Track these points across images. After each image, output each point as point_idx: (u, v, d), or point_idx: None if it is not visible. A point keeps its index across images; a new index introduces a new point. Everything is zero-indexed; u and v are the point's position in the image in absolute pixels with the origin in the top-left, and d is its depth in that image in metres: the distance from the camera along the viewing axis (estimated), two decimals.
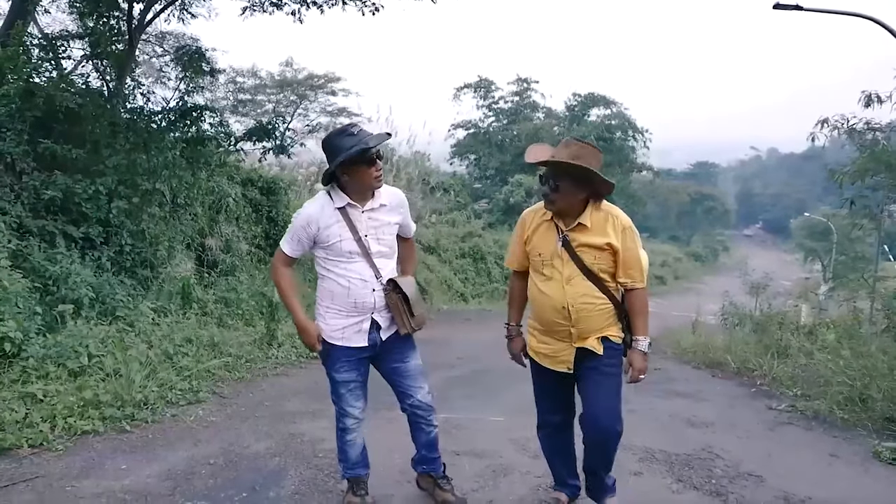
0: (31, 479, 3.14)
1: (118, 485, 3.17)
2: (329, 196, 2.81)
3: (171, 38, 15.75)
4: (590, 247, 2.71)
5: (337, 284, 2.81)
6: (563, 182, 2.67)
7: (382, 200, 2.86)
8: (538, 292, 2.83)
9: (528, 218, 2.92)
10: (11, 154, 6.38)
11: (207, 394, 4.80)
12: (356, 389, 2.93)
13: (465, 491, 3.29)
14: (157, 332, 5.59)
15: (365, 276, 2.79)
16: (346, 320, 2.83)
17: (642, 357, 2.79)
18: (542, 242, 2.80)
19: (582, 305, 2.72)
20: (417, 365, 2.98)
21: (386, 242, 2.88)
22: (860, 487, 3.61)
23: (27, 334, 4.52)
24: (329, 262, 2.82)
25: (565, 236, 2.73)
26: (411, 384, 2.94)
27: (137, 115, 8.00)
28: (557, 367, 2.82)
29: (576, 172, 2.63)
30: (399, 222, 2.96)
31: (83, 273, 5.92)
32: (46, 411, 3.79)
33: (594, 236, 2.71)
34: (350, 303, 2.80)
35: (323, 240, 2.78)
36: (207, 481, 3.31)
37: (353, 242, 2.77)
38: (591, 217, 2.73)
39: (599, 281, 2.74)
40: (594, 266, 2.72)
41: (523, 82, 34.66)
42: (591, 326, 2.74)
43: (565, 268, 2.74)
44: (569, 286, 2.73)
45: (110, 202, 7.17)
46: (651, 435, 4.30)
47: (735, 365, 7.24)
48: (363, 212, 2.80)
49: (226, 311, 7.39)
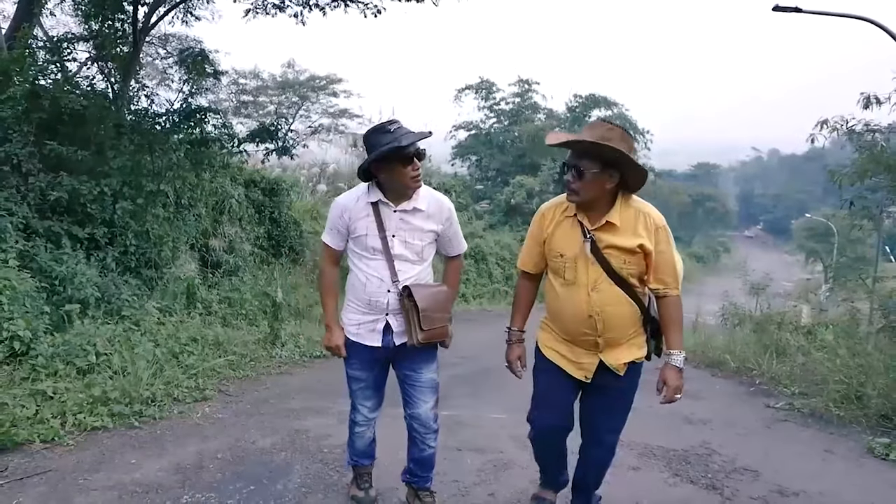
0: (44, 472, 3.23)
1: (129, 478, 3.25)
2: (367, 190, 2.75)
3: (175, 39, 15.85)
4: (619, 249, 2.42)
5: (357, 279, 2.77)
6: (588, 168, 2.36)
7: (420, 205, 2.73)
8: (559, 299, 2.55)
9: (548, 213, 2.60)
10: (18, 155, 6.43)
11: (213, 391, 4.87)
12: (366, 389, 2.88)
13: (467, 484, 3.37)
14: (163, 332, 5.66)
15: (382, 275, 2.71)
16: (362, 316, 2.78)
17: (678, 374, 2.50)
18: (565, 242, 2.51)
19: (610, 314, 2.46)
20: (430, 379, 2.86)
21: (413, 248, 2.74)
22: (853, 481, 3.68)
23: (35, 333, 4.59)
24: (354, 254, 2.79)
25: (592, 237, 2.43)
26: (417, 396, 2.85)
27: (142, 117, 8.09)
28: (576, 373, 2.58)
29: (603, 156, 2.34)
30: (437, 232, 2.79)
31: (89, 273, 5.98)
32: (57, 408, 3.87)
33: (624, 237, 2.41)
34: (365, 299, 2.75)
35: (352, 231, 2.74)
36: (216, 475, 3.38)
37: (378, 239, 2.70)
38: (620, 214, 2.42)
39: (629, 287, 2.46)
40: (622, 270, 2.43)
41: (524, 83, 34.70)
42: (619, 334, 2.50)
43: (591, 272, 2.45)
44: (595, 293, 2.45)
45: (115, 203, 7.23)
46: (650, 432, 4.37)
47: (734, 364, 7.30)
48: (395, 211, 2.71)
49: (230, 310, 7.47)
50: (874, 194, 11.50)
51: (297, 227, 12.00)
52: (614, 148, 2.31)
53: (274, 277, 9.62)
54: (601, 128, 2.39)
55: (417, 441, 2.89)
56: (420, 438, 2.88)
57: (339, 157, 25.86)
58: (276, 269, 10.42)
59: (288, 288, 9.28)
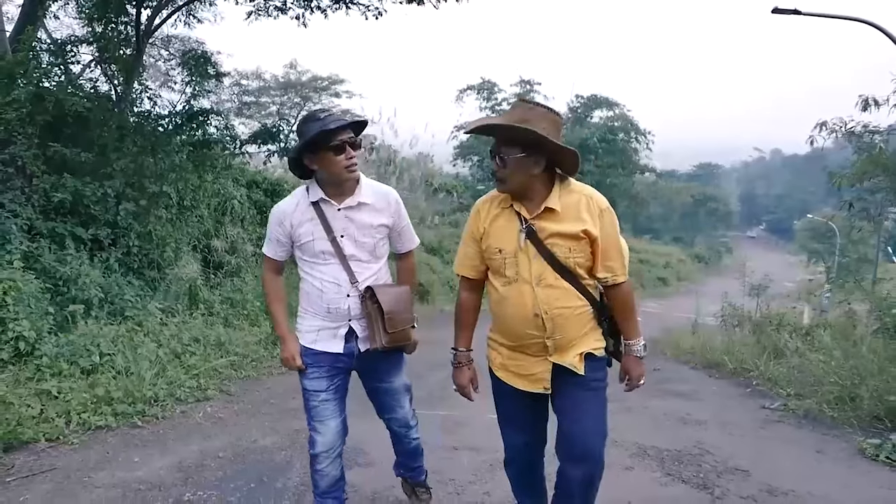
0: (49, 470, 3.31)
1: (132, 476, 3.33)
2: (306, 191, 2.53)
3: (177, 41, 15.96)
4: (562, 236, 2.19)
5: (311, 286, 2.54)
6: (510, 153, 2.16)
7: (365, 199, 2.52)
8: (501, 299, 2.30)
9: (483, 208, 2.35)
10: (22, 157, 6.49)
11: (215, 391, 4.95)
12: (328, 403, 2.56)
13: (463, 483, 3.43)
14: (166, 332, 5.74)
15: (339, 279, 2.50)
16: (322, 322, 2.55)
17: (639, 362, 2.34)
18: (502, 236, 2.26)
19: (558, 311, 2.22)
20: (401, 384, 2.71)
21: (365, 246, 2.54)
22: (843, 481, 3.72)
23: (40, 333, 4.68)
24: (304, 262, 2.56)
25: (530, 226, 2.21)
26: (392, 403, 2.70)
27: (145, 119, 8.16)
28: (532, 387, 2.32)
29: (523, 139, 2.12)
30: (388, 226, 2.60)
31: (92, 274, 6.05)
32: (61, 407, 3.95)
33: (567, 223, 2.19)
34: (323, 307, 2.52)
35: (296, 238, 2.52)
36: (217, 473, 3.45)
37: (326, 242, 2.48)
38: (560, 199, 2.20)
39: (576, 279, 2.23)
40: (569, 261, 2.20)
41: (526, 84, 34.73)
42: (570, 335, 2.25)
43: (534, 266, 2.21)
44: (539, 288, 2.21)
45: (118, 204, 7.31)
46: (644, 432, 4.43)
47: (732, 365, 7.36)
48: (339, 209, 2.49)
49: (231, 311, 7.54)
50: (873, 196, 11.60)
51: None
52: (528, 129, 2.08)
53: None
54: (520, 108, 2.19)
55: (400, 437, 2.82)
56: (402, 434, 2.80)
57: None
58: None
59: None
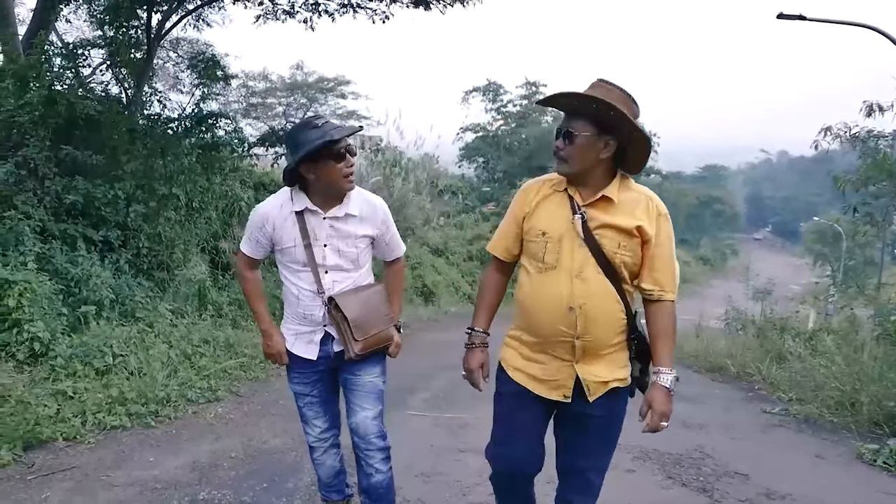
0: (68, 468, 3.40)
1: (148, 475, 3.42)
2: (291, 197, 2.47)
3: (185, 43, 16.10)
4: (614, 229, 2.02)
5: (290, 292, 2.54)
6: (580, 130, 1.99)
7: (351, 209, 2.47)
8: (533, 288, 2.11)
9: (533, 187, 2.20)
10: (35, 160, 6.58)
11: (225, 392, 5.04)
12: (314, 406, 2.63)
13: (469, 484, 3.50)
14: (176, 333, 5.82)
15: (314, 288, 2.48)
16: (298, 327, 2.56)
17: (667, 397, 2.04)
18: (550, 218, 2.09)
19: (594, 309, 2.02)
20: (371, 383, 2.55)
21: (348, 256, 2.50)
22: (840, 485, 3.80)
23: (54, 334, 4.76)
24: (284, 266, 2.54)
25: (583, 213, 2.04)
26: (356, 402, 2.54)
27: (154, 122, 8.25)
28: (551, 393, 2.12)
29: (599, 118, 1.97)
30: (373, 236, 2.55)
31: (103, 275, 6.12)
32: (77, 407, 4.04)
33: (621, 216, 2.02)
34: (300, 313, 2.53)
35: (277, 242, 2.49)
36: (230, 472, 3.55)
37: (303, 250, 2.45)
38: (618, 192, 2.04)
39: (618, 279, 2.05)
40: (616, 257, 2.02)
41: (532, 85, 34.84)
42: (600, 340, 2.06)
43: (577, 254, 2.03)
44: (579, 280, 2.02)
45: (128, 206, 7.38)
46: (646, 436, 4.43)
47: (734, 369, 7.41)
48: (325, 218, 2.45)
49: (239, 313, 7.61)
50: (877, 200, 11.64)
51: None
52: (610, 104, 1.93)
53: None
54: (600, 88, 2.01)
55: (362, 461, 2.54)
56: (363, 457, 2.52)
57: None
58: None
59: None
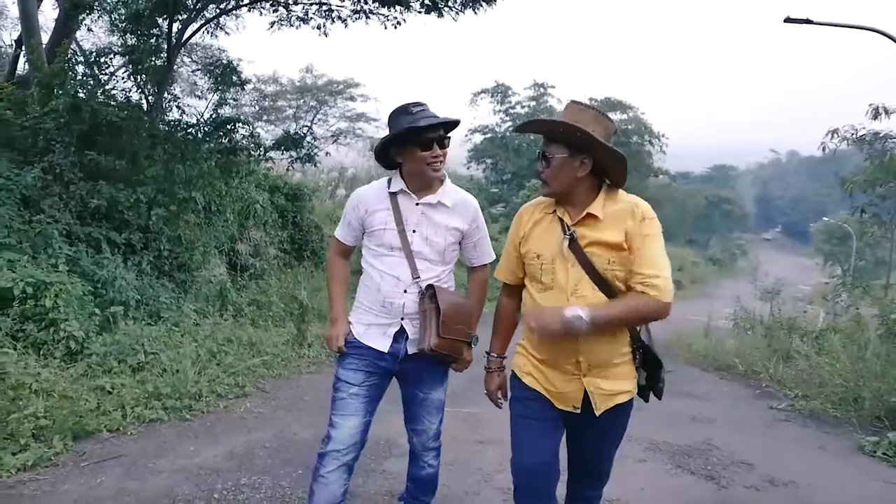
0: (116, 457, 3.62)
1: (191, 462, 3.64)
2: (388, 182, 2.51)
3: (200, 48, 16.39)
4: (602, 245, 2.08)
5: (370, 277, 2.49)
6: (555, 153, 2.10)
7: (444, 199, 2.47)
8: (536, 307, 2.18)
9: (526, 212, 2.31)
10: (60, 165, 6.79)
11: (252, 389, 5.24)
12: (356, 398, 2.43)
13: (490, 472, 3.70)
14: (200, 333, 6.04)
15: (400, 274, 2.42)
16: (374, 318, 2.47)
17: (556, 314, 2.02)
18: (542, 241, 2.19)
19: None
20: (438, 399, 2.58)
21: (435, 246, 2.45)
22: (840, 474, 3.98)
23: (87, 333, 4.99)
24: (369, 251, 2.51)
25: (572, 233, 2.11)
26: (422, 414, 2.57)
27: (174, 128, 8.48)
28: (562, 405, 2.20)
29: (569, 139, 2.07)
30: (462, 231, 2.51)
31: (127, 277, 6.35)
32: (116, 401, 4.26)
33: (608, 231, 2.08)
34: (379, 300, 2.45)
35: (368, 225, 2.48)
36: (266, 461, 3.77)
37: (396, 234, 2.42)
38: (604, 208, 2.11)
39: (614, 293, 2.09)
40: (607, 272, 2.07)
41: (540, 87, 34.98)
42: (604, 356, 2.12)
43: (571, 274, 2.10)
44: (575, 298, 2.08)
45: (150, 210, 7.59)
46: (656, 429, 4.66)
47: (742, 368, 7.56)
48: (417, 203, 2.45)
49: (258, 313, 7.83)
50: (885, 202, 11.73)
51: (319, 231, 12.39)
52: (574, 126, 2.02)
53: (298, 280, 9.98)
54: (572, 109, 2.13)
55: (417, 457, 2.64)
56: (420, 455, 2.63)
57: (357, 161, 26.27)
58: (300, 273, 10.79)
59: (311, 290, 9.64)
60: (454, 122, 2.46)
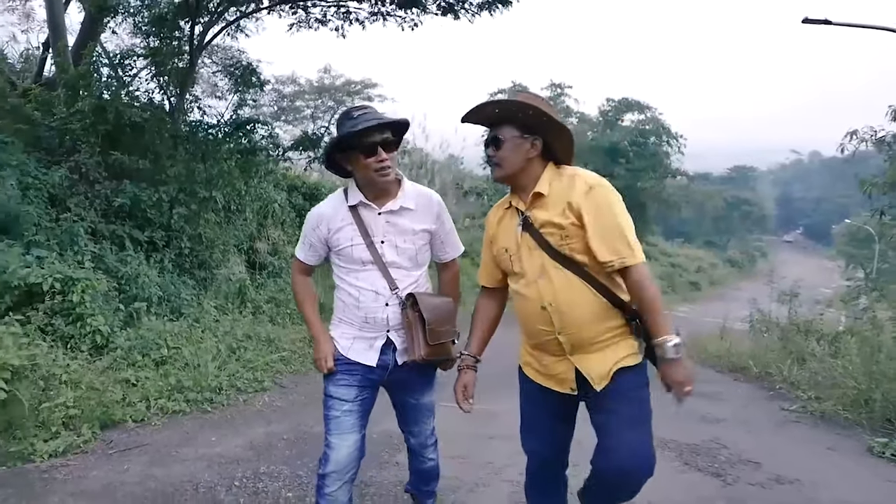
0: (141, 445, 3.83)
1: (213, 452, 3.82)
2: (345, 194, 2.40)
3: (220, 50, 16.60)
4: (553, 224, 2.09)
5: (347, 294, 2.42)
6: (506, 135, 2.14)
7: (406, 203, 2.38)
8: (517, 297, 2.26)
9: (492, 214, 2.36)
10: (86, 165, 6.99)
11: (270, 383, 5.42)
12: (350, 415, 2.41)
13: (499, 466, 3.80)
14: (220, 329, 6.21)
15: (377, 287, 2.36)
16: (358, 332, 2.43)
17: (674, 365, 2.02)
18: (506, 234, 2.24)
19: (565, 303, 2.08)
20: (429, 402, 2.60)
21: (406, 252, 2.39)
22: (848, 473, 4.02)
23: (112, 328, 5.17)
24: (341, 269, 2.44)
25: (526, 217, 2.15)
26: (416, 418, 2.61)
27: (195, 128, 8.65)
28: (559, 387, 2.21)
29: (521, 120, 2.12)
30: (430, 231, 2.44)
31: (150, 274, 6.53)
32: (140, 393, 4.46)
33: (555, 209, 2.09)
34: (360, 317, 2.39)
35: (334, 244, 2.40)
36: (284, 452, 3.92)
37: (365, 249, 2.35)
38: (550, 185, 2.13)
39: (580, 268, 2.07)
40: (564, 248, 2.07)
41: (557, 87, 34.83)
42: (583, 332, 2.10)
43: (534, 257, 2.14)
44: (542, 280, 2.11)
45: (172, 209, 7.78)
46: (665, 427, 4.70)
47: (757, 370, 7.55)
48: (380, 213, 2.36)
49: (276, 310, 7.99)
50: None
51: None
52: (527, 104, 2.08)
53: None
54: (519, 95, 2.20)
55: (416, 454, 2.71)
56: (419, 452, 2.70)
57: None
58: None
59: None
60: (401, 122, 2.37)
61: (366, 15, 10.37)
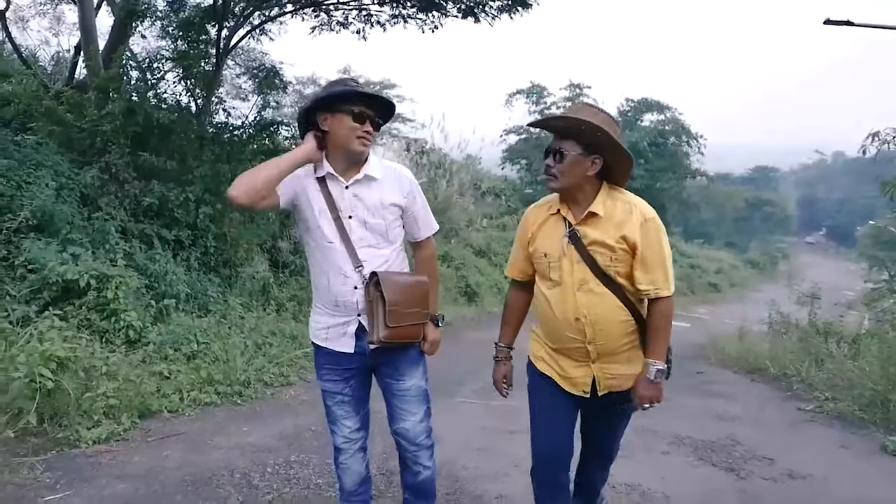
0: (177, 434, 4.05)
1: (245, 441, 4.03)
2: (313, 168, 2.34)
3: (243, 52, 16.87)
4: (604, 245, 2.20)
5: (319, 278, 2.39)
6: (569, 150, 2.19)
7: (371, 171, 2.32)
8: (545, 302, 2.33)
9: (532, 214, 2.42)
10: (116, 165, 7.20)
11: (296, 378, 5.60)
12: (344, 404, 2.48)
13: (520, 458, 3.89)
14: (246, 325, 6.40)
15: (345, 268, 2.30)
16: (330, 319, 2.40)
17: (649, 385, 2.24)
18: (548, 240, 2.31)
19: (599, 318, 2.23)
20: (417, 387, 2.47)
21: (375, 228, 2.32)
22: (859, 470, 4.10)
23: (144, 323, 5.37)
24: (310, 247, 2.39)
25: (574, 230, 2.23)
26: (402, 407, 2.46)
27: (221, 130, 8.87)
28: (572, 389, 2.35)
29: (585, 138, 2.17)
30: (400, 206, 2.37)
31: (177, 271, 6.73)
32: (173, 386, 4.67)
33: (609, 230, 2.20)
34: (331, 300, 2.36)
35: (301, 208, 2.33)
36: (313, 442, 4.11)
37: (332, 223, 2.29)
38: (604, 206, 2.22)
39: (619, 288, 2.23)
40: (610, 269, 2.21)
41: (576, 88, 34.75)
42: (611, 343, 2.26)
43: (576, 271, 2.23)
44: (581, 293, 2.23)
45: (198, 208, 7.94)
46: (681, 425, 4.82)
47: (774, 371, 7.57)
48: (347, 186, 2.30)
49: (299, 308, 8.17)
50: None
51: None
52: (596, 126, 2.13)
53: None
54: (585, 110, 2.24)
55: (409, 462, 2.53)
56: (411, 458, 2.51)
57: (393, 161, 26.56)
58: None
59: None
60: (392, 105, 2.40)
61: (387, 18, 10.52)
